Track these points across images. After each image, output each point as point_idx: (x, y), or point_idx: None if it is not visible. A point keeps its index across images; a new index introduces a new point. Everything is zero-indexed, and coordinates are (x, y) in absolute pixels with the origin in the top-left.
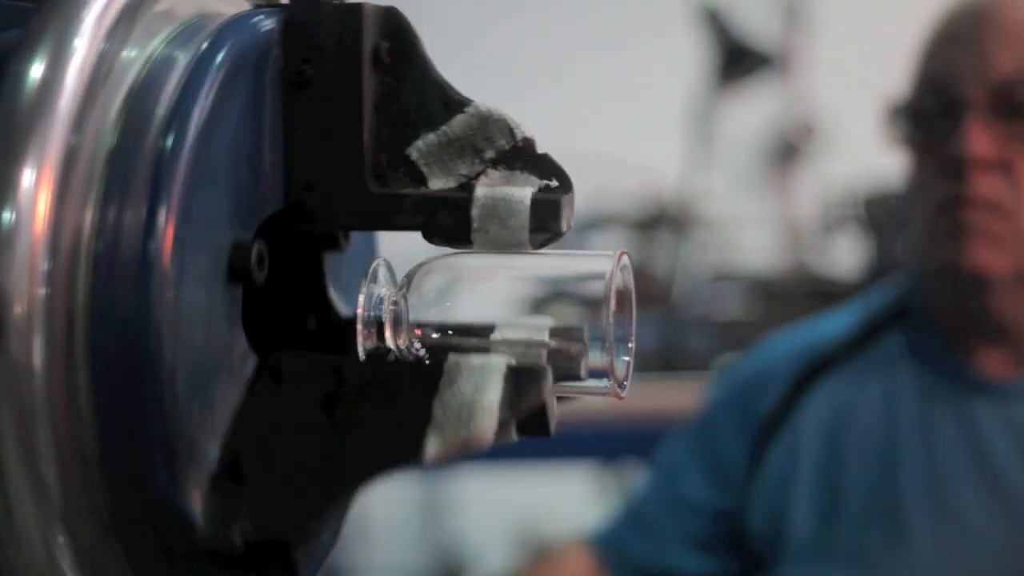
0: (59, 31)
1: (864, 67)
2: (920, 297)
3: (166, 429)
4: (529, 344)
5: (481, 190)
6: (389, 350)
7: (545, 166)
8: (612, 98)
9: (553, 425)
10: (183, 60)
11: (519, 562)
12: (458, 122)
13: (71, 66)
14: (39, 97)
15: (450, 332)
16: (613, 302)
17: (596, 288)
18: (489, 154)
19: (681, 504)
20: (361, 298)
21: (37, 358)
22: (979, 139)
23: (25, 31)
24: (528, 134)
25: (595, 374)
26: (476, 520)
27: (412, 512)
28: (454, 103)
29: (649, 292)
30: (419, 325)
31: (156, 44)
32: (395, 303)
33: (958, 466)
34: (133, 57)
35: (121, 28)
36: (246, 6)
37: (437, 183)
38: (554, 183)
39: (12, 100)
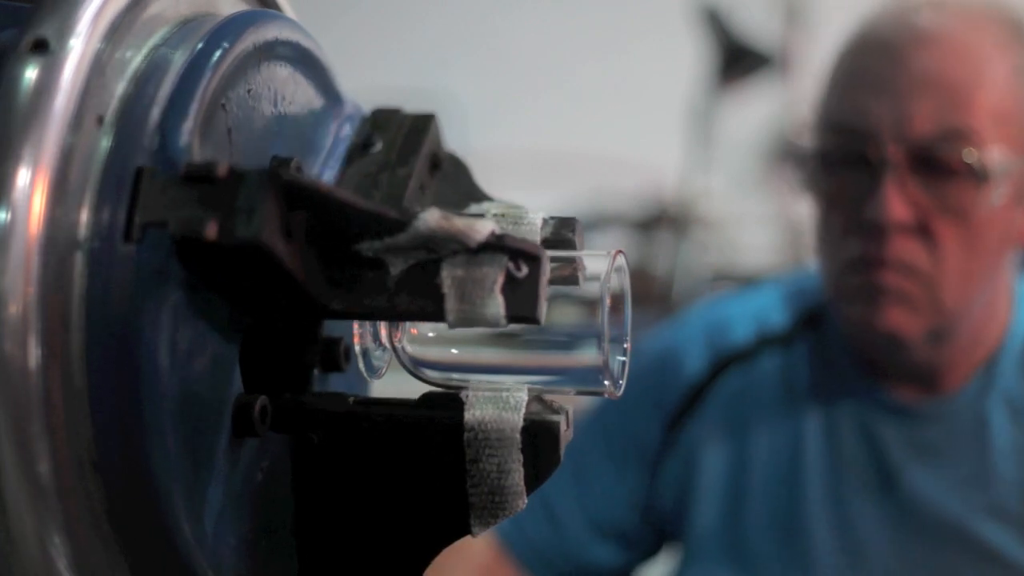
0: (56, 31)
1: None
2: (835, 319)
3: (162, 429)
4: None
5: (450, 307)
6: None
7: (509, 249)
8: (612, 98)
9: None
10: (179, 60)
11: None
12: (402, 238)
13: (67, 66)
14: (35, 97)
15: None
16: (608, 301)
17: (592, 288)
18: (445, 252)
19: (588, 491)
20: None
21: (32, 358)
22: (897, 203)
23: (22, 31)
24: (484, 235)
25: (591, 372)
26: None
27: None
28: (391, 224)
29: (649, 292)
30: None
31: (152, 44)
32: None
33: (860, 481)
34: (129, 57)
35: (117, 28)
36: (242, 6)
37: (397, 266)
38: (523, 270)
39: (8, 100)
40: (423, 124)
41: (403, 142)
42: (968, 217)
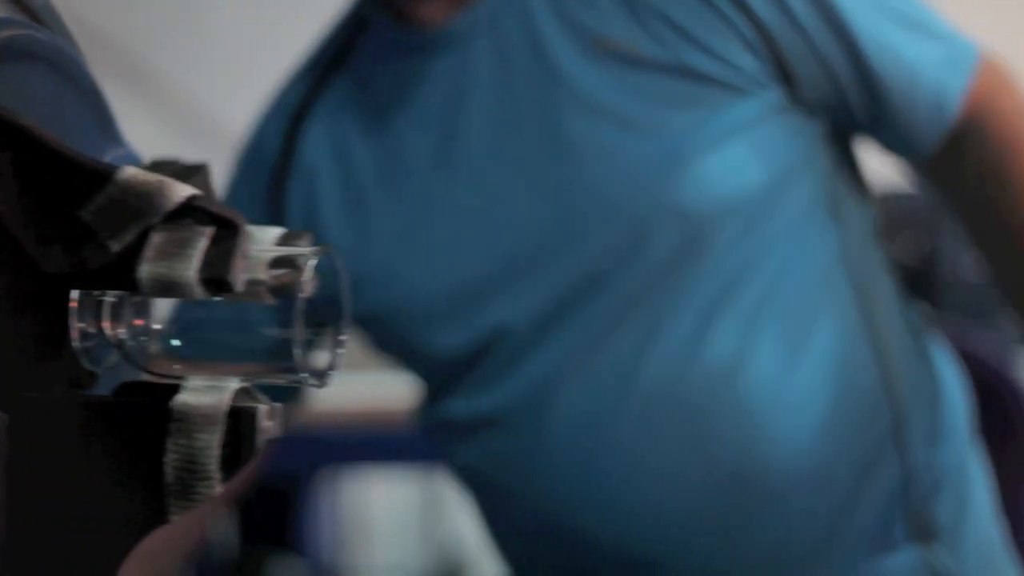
0: None
1: None
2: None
3: None
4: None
5: (145, 268)
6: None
7: (206, 213)
8: None
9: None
10: None
11: None
12: (102, 197)
13: None
14: None
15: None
16: (304, 300)
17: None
18: (150, 218)
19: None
20: (76, 292)
21: None
22: None
23: None
24: (180, 196)
25: (291, 367)
26: (476, 520)
27: (412, 512)
28: (94, 174)
29: None
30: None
31: None
32: (118, 296)
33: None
34: None
35: None
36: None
37: (114, 244)
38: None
39: None
40: (190, 173)
41: None
42: None
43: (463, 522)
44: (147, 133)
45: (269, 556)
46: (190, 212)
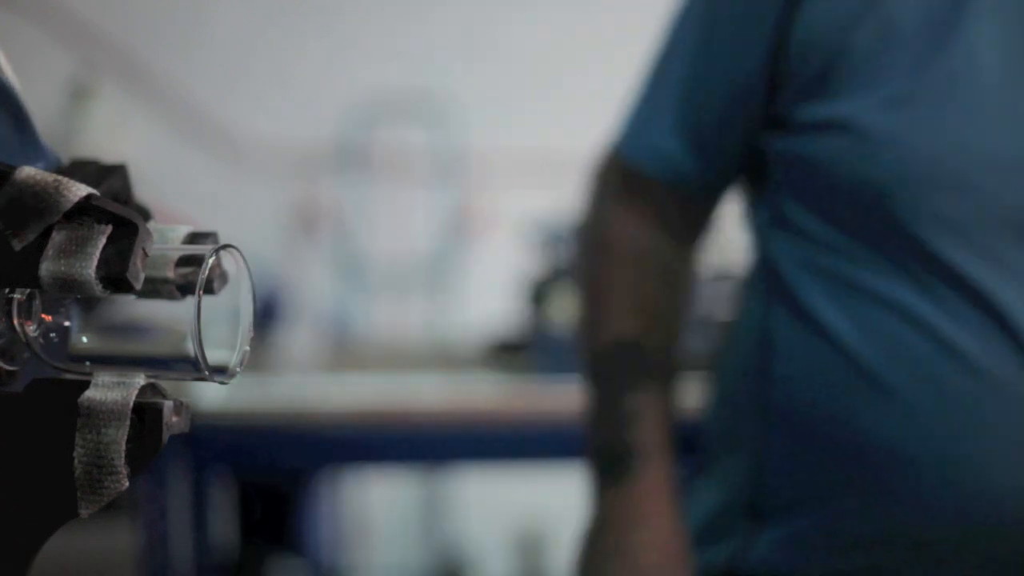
0: None
1: None
2: None
3: None
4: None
5: (46, 266)
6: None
7: (105, 213)
8: (612, 98)
9: (166, 438)
10: None
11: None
12: (1, 197)
13: None
14: None
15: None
16: (200, 298)
17: (193, 275)
18: (50, 217)
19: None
20: None
21: None
22: None
23: None
24: (76, 196)
25: (191, 365)
26: (476, 520)
27: (412, 512)
28: None
29: None
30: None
31: None
32: (28, 294)
33: None
34: None
35: None
36: None
37: (16, 242)
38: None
39: None
40: (107, 174)
41: None
42: None
43: (463, 522)
44: (147, 133)
45: (269, 556)
46: (91, 211)
